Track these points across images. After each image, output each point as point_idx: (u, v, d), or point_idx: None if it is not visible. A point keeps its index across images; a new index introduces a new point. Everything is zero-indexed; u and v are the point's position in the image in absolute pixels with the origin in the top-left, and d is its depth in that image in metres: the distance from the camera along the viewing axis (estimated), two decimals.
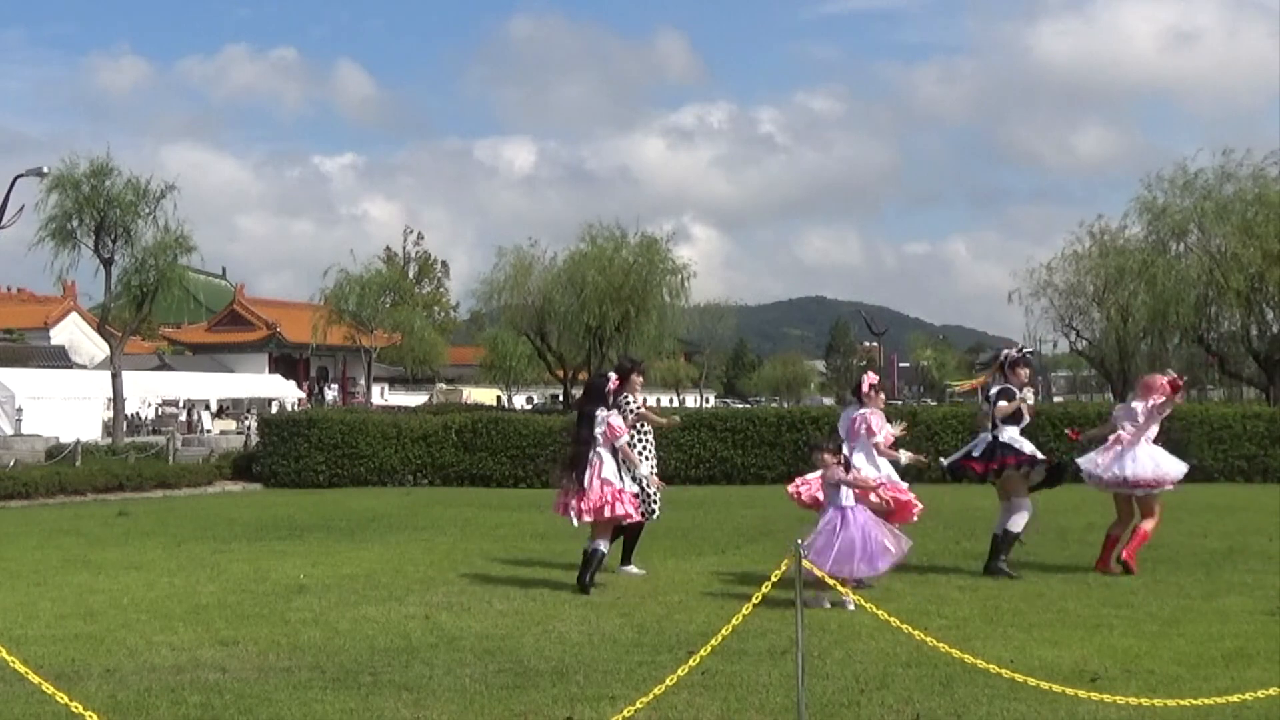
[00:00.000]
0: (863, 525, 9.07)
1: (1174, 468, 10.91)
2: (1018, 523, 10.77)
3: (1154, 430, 10.96)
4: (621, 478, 10.29)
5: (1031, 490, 10.90)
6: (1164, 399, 10.90)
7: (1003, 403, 10.81)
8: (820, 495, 9.60)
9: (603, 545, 10.23)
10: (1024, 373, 11.06)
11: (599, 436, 10.23)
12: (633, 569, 11.16)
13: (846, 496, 9.19)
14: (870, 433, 10.39)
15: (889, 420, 10.70)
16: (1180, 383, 11.08)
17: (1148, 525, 10.83)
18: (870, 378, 11.01)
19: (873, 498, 9.65)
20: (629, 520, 10.41)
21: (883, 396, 10.94)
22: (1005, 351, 11.41)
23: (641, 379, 11.26)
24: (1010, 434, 10.85)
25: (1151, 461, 10.83)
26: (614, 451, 10.32)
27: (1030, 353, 11.34)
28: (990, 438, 10.87)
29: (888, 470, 10.56)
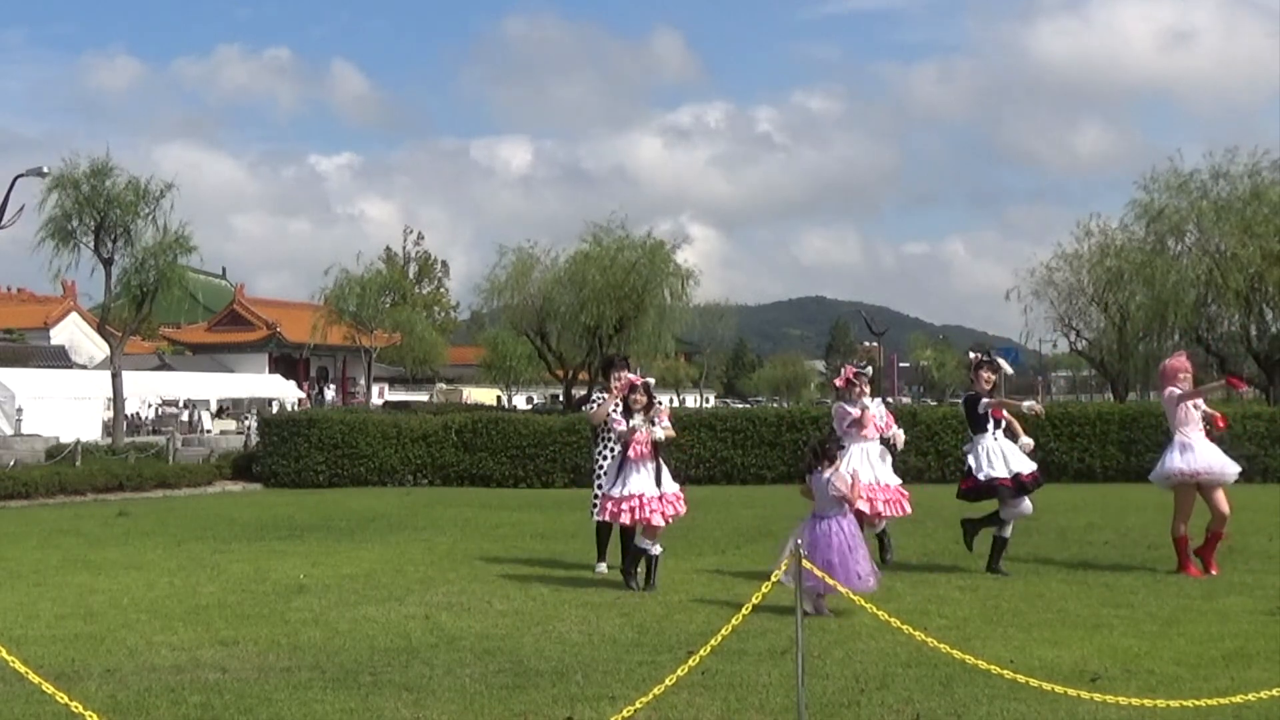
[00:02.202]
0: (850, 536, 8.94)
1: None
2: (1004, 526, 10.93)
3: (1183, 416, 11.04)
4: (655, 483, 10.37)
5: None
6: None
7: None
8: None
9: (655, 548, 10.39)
10: (987, 376, 11.07)
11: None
12: (604, 567, 11.27)
13: (838, 505, 9.02)
14: (842, 419, 10.96)
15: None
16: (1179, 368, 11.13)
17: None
18: (846, 370, 11.20)
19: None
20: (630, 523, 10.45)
21: (858, 389, 11.00)
22: (972, 354, 11.49)
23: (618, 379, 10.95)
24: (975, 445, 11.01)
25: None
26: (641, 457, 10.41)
27: (987, 357, 11.32)
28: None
29: (870, 471, 10.75)
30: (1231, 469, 10.94)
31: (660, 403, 11.07)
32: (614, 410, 10.55)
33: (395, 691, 6.74)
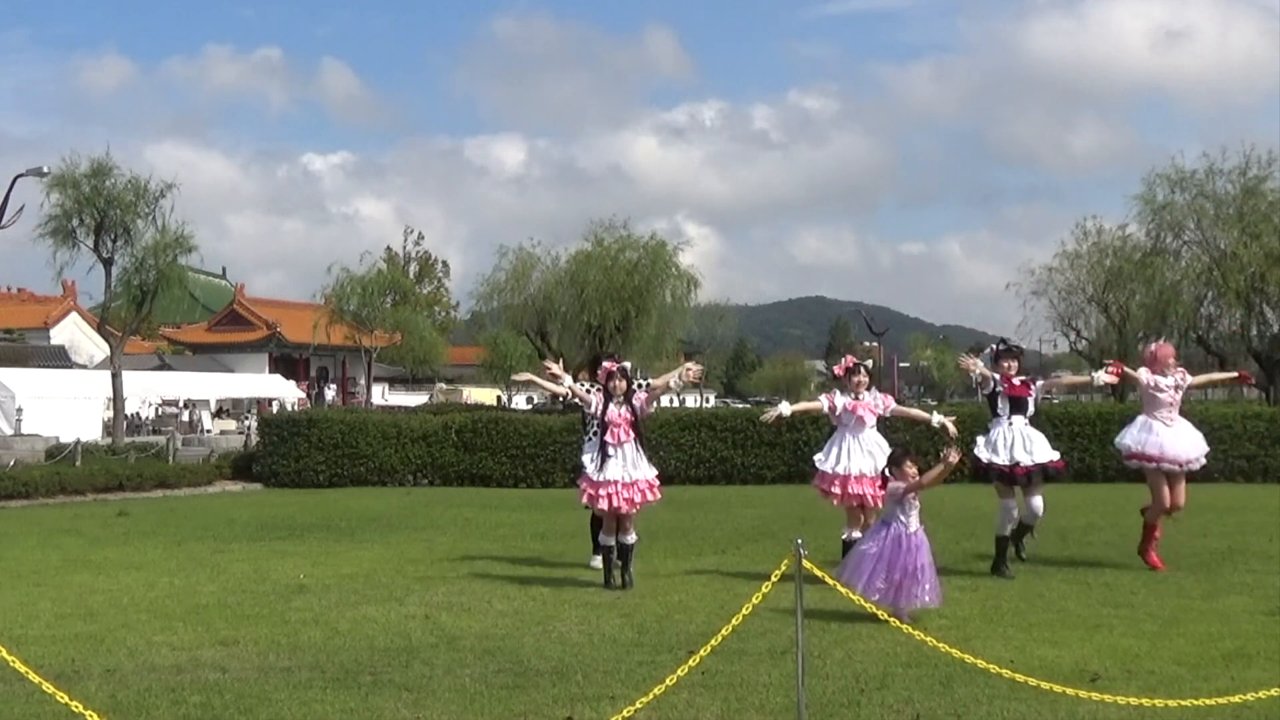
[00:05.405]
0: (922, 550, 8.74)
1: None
2: (1001, 525, 10.89)
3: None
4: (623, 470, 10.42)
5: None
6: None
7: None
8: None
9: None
10: (1008, 365, 11.08)
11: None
12: (598, 560, 11.27)
13: (911, 519, 8.80)
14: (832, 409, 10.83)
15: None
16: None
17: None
18: (846, 360, 11.19)
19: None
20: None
21: (858, 380, 10.96)
22: (991, 347, 11.50)
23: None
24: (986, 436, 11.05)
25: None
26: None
27: (1003, 346, 11.33)
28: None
29: (870, 461, 10.71)
30: (1192, 455, 11.00)
31: (642, 384, 11.19)
32: (585, 392, 10.69)
33: (395, 691, 6.74)
